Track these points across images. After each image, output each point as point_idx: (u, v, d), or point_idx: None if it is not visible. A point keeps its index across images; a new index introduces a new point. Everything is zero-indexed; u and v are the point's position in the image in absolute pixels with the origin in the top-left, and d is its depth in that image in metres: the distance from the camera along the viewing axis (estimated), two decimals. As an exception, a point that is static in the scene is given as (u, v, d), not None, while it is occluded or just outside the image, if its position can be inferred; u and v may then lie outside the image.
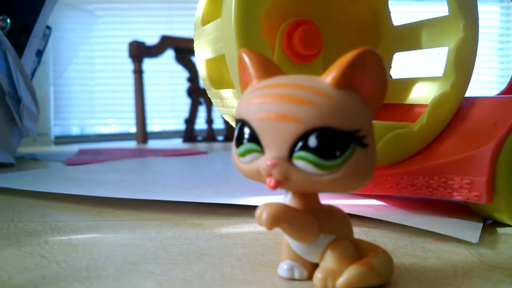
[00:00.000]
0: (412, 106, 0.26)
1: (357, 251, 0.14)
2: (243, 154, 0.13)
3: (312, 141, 0.12)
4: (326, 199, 0.15)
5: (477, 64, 0.23)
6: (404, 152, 0.23)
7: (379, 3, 0.29)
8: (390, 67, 0.29)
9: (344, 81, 0.12)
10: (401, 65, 0.35)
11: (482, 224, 0.21)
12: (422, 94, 0.25)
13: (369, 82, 0.13)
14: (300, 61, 0.24)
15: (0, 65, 0.47)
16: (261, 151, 0.13)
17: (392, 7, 0.29)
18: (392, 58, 0.29)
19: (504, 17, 1.83)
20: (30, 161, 0.53)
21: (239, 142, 0.13)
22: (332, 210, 0.14)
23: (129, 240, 0.20)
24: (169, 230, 0.21)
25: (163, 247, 0.18)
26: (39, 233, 0.21)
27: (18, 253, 0.18)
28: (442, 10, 0.24)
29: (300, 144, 0.12)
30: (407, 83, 0.26)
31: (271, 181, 0.13)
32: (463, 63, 0.23)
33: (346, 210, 0.22)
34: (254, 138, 0.13)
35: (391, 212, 0.23)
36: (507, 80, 0.28)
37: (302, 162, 0.12)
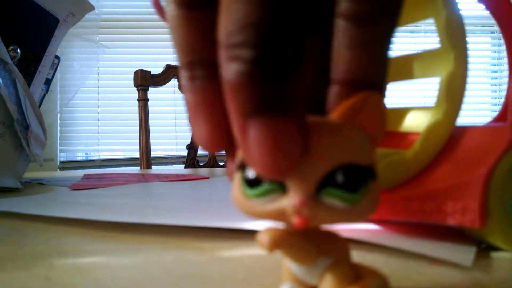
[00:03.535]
0: (405, 134, 0.27)
1: (355, 274, 0.15)
2: (261, 195, 0.13)
3: (340, 177, 0.13)
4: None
5: (471, 92, 0.25)
6: (399, 178, 0.24)
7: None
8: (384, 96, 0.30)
9: (354, 120, 0.13)
10: (395, 95, 0.36)
11: (476, 248, 0.21)
12: (415, 122, 0.26)
13: (373, 122, 0.14)
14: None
15: (9, 93, 0.49)
16: (283, 190, 0.13)
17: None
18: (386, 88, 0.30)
19: (496, 47, 1.87)
20: (36, 185, 0.54)
21: (256, 183, 0.13)
22: (330, 234, 0.15)
23: (132, 263, 0.20)
24: (171, 254, 0.22)
25: (165, 271, 0.19)
26: (45, 256, 0.21)
27: (24, 276, 0.18)
28: (434, 41, 0.25)
29: (327, 181, 0.13)
30: (401, 112, 0.27)
31: (299, 220, 0.13)
32: (454, 93, 0.24)
33: (343, 234, 0.23)
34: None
35: (386, 236, 0.23)
36: (500, 107, 0.29)
37: (330, 198, 0.13)
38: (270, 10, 0.11)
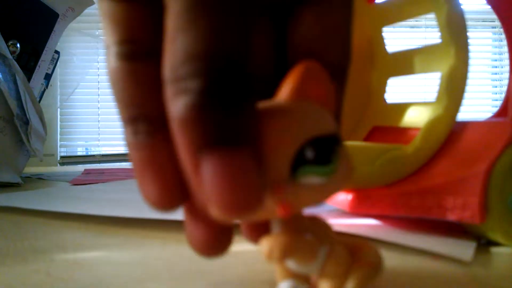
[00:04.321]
0: (406, 129, 0.27)
1: (349, 251, 0.15)
2: None
3: (309, 153, 0.12)
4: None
5: (472, 87, 0.25)
6: (399, 173, 0.24)
7: (373, 31, 0.30)
8: (385, 92, 0.30)
9: (303, 94, 0.13)
10: (396, 90, 0.36)
11: (476, 243, 0.21)
12: (415, 117, 0.26)
13: (322, 92, 0.13)
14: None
15: (9, 88, 0.49)
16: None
17: (386, 34, 0.30)
18: (386, 83, 0.30)
19: (497, 42, 1.87)
20: (36, 180, 0.54)
21: None
22: (314, 219, 0.15)
23: (133, 258, 0.20)
24: (172, 249, 0.22)
25: (166, 266, 0.19)
26: (45, 251, 0.21)
27: (24, 270, 0.18)
28: (434, 36, 0.25)
29: (298, 161, 0.12)
30: (401, 107, 0.27)
31: (283, 207, 0.12)
32: (455, 88, 0.24)
33: (342, 229, 0.23)
34: None
35: (386, 231, 0.23)
36: (500, 103, 0.29)
37: (307, 177, 0.12)
38: (216, 39, 0.10)
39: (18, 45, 0.55)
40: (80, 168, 0.76)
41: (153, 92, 0.12)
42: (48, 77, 0.60)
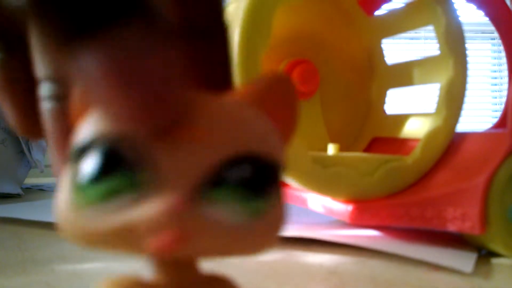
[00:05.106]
0: (405, 140, 0.27)
1: None
2: (100, 197, 0.08)
3: (237, 172, 0.08)
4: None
5: (471, 98, 0.25)
6: (399, 184, 0.24)
7: (372, 43, 0.30)
8: (385, 103, 0.30)
9: (259, 102, 0.09)
10: (395, 101, 0.37)
11: (476, 254, 0.21)
12: (415, 128, 0.26)
13: (283, 111, 0.10)
14: (299, 98, 0.26)
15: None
16: (136, 189, 0.08)
17: (385, 45, 0.30)
18: (386, 94, 0.30)
19: (496, 53, 1.88)
20: (37, 192, 0.54)
21: (96, 175, 0.08)
22: (217, 283, 0.10)
23: (133, 269, 0.20)
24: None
25: (165, 276, 0.19)
26: (45, 262, 0.21)
27: (25, 281, 0.18)
28: (434, 48, 0.26)
29: (216, 177, 0.08)
30: (401, 118, 0.27)
31: (163, 241, 0.07)
32: (454, 99, 0.24)
33: (342, 240, 0.23)
34: (131, 164, 0.08)
35: (387, 242, 0.23)
36: (500, 113, 0.30)
37: (220, 205, 0.08)
38: None
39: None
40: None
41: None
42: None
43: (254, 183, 0.08)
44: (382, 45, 0.30)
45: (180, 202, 0.07)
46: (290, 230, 0.24)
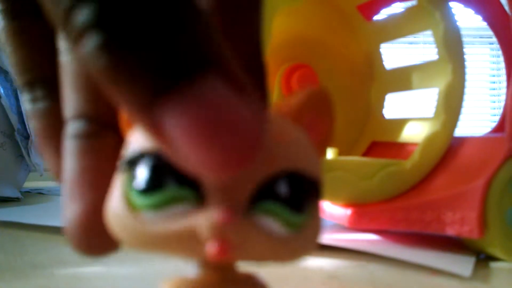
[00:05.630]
0: (404, 144, 0.27)
1: None
2: (161, 205, 0.08)
3: (284, 188, 0.09)
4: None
5: (470, 103, 0.25)
6: (398, 188, 0.24)
7: (371, 47, 0.30)
8: (383, 107, 0.30)
9: (298, 117, 0.10)
10: (394, 105, 0.37)
11: (474, 258, 0.21)
12: (414, 133, 0.26)
13: (322, 129, 0.10)
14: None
15: (10, 103, 0.49)
16: (198, 200, 0.08)
17: (384, 50, 0.30)
18: (384, 99, 0.30)
19: (495, 58, 1.88)
20: (36, 195, 0.54)
21: (153, 185, 0.08)
22: (251, 281, 0.11)
23: (133, 273, 0.20)
24: (172, 265, 0.22)
25: (165, 280, 0.19)
26: (45, 266, 0.21)
27: (24, 285, 0.18)
28: (432, 53, 0.26)
29: (264, 192, 0.08)
30: (400, 123, 0.28)
31: (218, 246, 0.08)
32: (452, 104, 0.24)
33: (342, 244, 0.23)
34: (187, 179, 0.08)
35: (386, 247, 0.23)
36: (498, 118, 0.30)
37: (267, 218, 0.08)
38: None
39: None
40: (80, 182, 0.76)
41: (49, 51, 0.11)
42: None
43: (298, 198, 0.09)
44: (381, 50, 0.30)
45: (232, 214, 0.08)
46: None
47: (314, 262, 0.22)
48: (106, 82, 0.07)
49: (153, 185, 0.08)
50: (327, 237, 0.25)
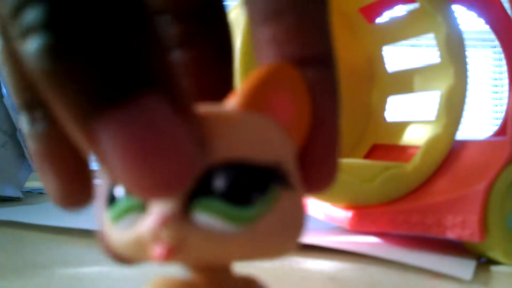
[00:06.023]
0: (406, 147, 0.27)
1: None
2: (115, 217, 0.09)
3: (220, 182, 0.08)
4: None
5: (472, 106, 0.25)
6: (399, 191, 0.24)
7: (373, 50, 0.30)
8: (385, 110, 0.30)
9: (255, 103, 0.09)
10: (396, 108, 0.37)
11: (475, 261, 0.21)
12: (415, 136, 0.26)
13: (288, 106, 0.09)
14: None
15: (12, 103, 0.49)
16: (143, 207, 0.08)
17: (386, 52, 0.30)
18: (386, 102, 0.30)
19: (497, 61, 1.88)
20: (37, 195, 0.54)
21: (110, 199, 0.09)
22: (247, 284, 0.10)
23: (134, 273, 0.20)
24: (173, 265, 0.22)
25: (165, 281, 0.19)
26: (46, 266, 0.21)
27: (25, 285, 0.18)
28: (435, 55, 0.26)
29: (201, 188, 0.08)
30: (401, 126, 0.28)
31: (160, 249, 0.08)
32: (454, 107, 0.24)
33: (342, 247, 0.23)
34: None
35: (387, 249, 0.23)
36: (500, 121, 0.30)
37: (206, 215, 0.08)
38: None
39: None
40: (81, 182, 0.76)
41: None
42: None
43: (240, 190, 0.08)
44: (383, 52, 0.30)
45: (168, 214, 0.08)
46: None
47: (314, 264, 0.22)
48: (46, 85, 0.07)
49: (110, 199, 0.09)
50: (328, 240, 0.25)
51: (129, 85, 0.07)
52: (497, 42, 0.29)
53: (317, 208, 0.26)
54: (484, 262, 0.22)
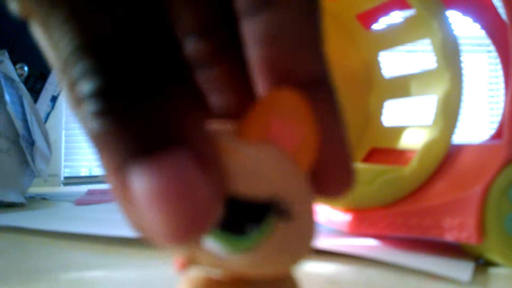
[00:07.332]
0: (403, 151, 0.28)
1: None
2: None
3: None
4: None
5: (468, 110, 0.25)
6: (397, 194, 0.24)
7: (370, 55, 0.31)
8: (382, 114, 0.31)
9: (259, 132, 0.09)
10: (393, 113, 0.37)
11: (473, 263, 0.22)
12: (412, 140, 0.27)
13: (293, 132, 0.10)
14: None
15: (16, 110, 0.50)
16: None
17: (383, 58, 0.31)
18: (383, 106, 0.30)
19: (493, 66, 1.89)
20: (40, 201, 0.55)
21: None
22: (281, 280, 0.11)
23: (136, 277, 0.20)
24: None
25: (169, 286, 0.19)
26: (49, 271, 0.22)
27: (29, 289, 0.18)
28: (431, 61, 0.26)
29: None
30: (398, 130, 0.28)
31: (176, 261, 0.10)
32: (450, 111, 0.24)
33: (341, 249, 0.23)
34: None
35: (385, 252, 0.23)
36: (496, 125, 0.30)
37: (211, 241, 0.09)
38: (107, 21, 0.08)
39: (26, 68, 0.56)
40: (84, 188, 0.77)
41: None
42: (54, 99, 0.61)
43: (236, 222, 0.09)
44: (380, 58, 0.31)
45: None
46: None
47: (313, 267, 0.22)
48: (96, 140, 0.08)
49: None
50: (326, 242, 0.25)
51: (158, 143, 0.08)
52: (492, 47, 0.29)
53: (315, 211, 0.27)
54: (482, 264, 0.22)
